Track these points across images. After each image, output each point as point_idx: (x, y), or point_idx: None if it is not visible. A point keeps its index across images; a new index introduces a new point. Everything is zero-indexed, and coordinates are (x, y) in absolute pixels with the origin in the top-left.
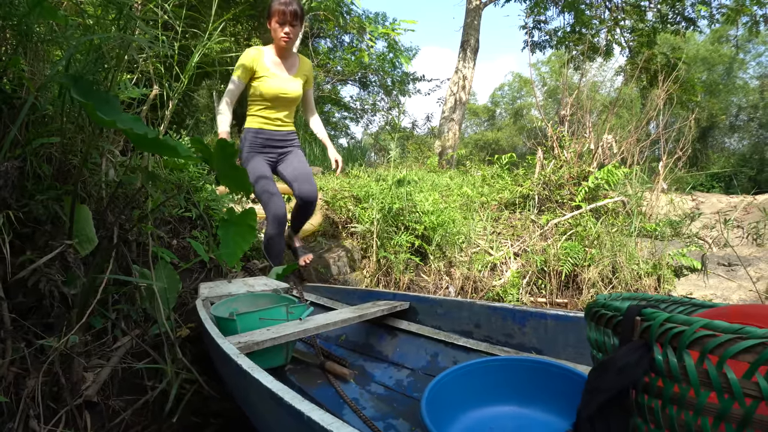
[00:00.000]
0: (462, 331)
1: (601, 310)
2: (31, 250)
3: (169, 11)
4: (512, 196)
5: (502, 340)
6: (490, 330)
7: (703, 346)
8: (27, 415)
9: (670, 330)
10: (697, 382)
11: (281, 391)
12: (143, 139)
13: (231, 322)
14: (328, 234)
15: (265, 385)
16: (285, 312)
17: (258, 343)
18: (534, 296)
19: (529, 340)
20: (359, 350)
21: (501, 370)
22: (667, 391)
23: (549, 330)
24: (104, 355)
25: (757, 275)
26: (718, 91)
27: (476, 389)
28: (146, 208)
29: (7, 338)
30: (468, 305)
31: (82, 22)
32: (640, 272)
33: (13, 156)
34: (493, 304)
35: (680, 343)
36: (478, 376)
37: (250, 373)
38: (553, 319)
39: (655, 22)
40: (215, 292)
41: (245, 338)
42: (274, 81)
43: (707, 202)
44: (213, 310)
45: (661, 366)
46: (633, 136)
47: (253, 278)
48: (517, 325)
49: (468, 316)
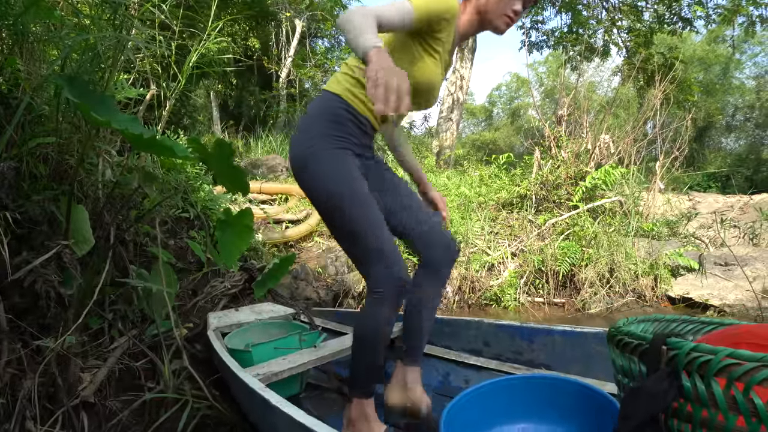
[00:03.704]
0: (471, 350)
1: (626, 339)
2: (28, 250)
3: (166, 11)
4: (510, 196)
5: (511, 358)
6: (499, 347)
7: (730, 374)
8: (23, 416)
9: (697, 359)
10: (726, 407)
11: (316, 425)
12: (140, 139)
13: (246, 354)
14: (325, 234)
15: (298, 420)
16: (298, 341)
17: (276, 374)
18: (531, 296)
19: (537, 356)
20: None
21: (517, 388)
22: (696, 416)
23: (556, 345)
24: (101, 356)
25: (753, 275)
26: (714, 91)
27: (493, 408)
28: (143, 209)
29: (3, 339)
30: (476, 324)
31: (78, 22)
32: (637, 272)
33: (9, 156)
34: (501, 322)
35: (708, 371)
36: (495, 395)
37: (279, 408)
38: (560, 335)
39: (652, 22)
40: (225, 321)
41: (263, 369)
42: (433, 63)
43: (704, 202)
44: (227, 342)
45: (690, 392)
46: (630, 136)
47: (259, 305)
48: (525, 341)
49: (476, 335)
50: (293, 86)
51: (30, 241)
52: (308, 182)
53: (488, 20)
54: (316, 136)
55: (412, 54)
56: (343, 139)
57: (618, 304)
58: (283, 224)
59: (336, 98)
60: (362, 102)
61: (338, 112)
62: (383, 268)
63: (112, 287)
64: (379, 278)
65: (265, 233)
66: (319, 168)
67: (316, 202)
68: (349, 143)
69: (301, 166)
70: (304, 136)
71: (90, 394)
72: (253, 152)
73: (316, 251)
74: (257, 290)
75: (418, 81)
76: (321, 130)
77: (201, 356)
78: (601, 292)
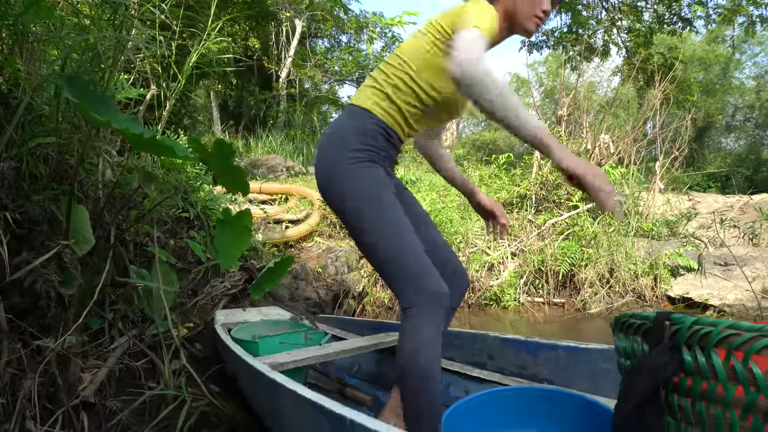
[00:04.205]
0: (475, 363)
1: (630, 320)
2: (28, 250)
3: (166, 11)
4: (510, 196)
5: (515, 372)
6: (503, 361)
7: (729, 344)
8: (23, 416)
9: (698, 331)
10: (725, 377)
11: (320, 399)
12: (140, 139)
13: (253, 345)
14: (325, 234)
15: (303, 395)
16: (304, 338)
17: (282, 365)
18: (531, 296)
19: (541, 371)
20: (372, 380)
21: (513, 399)
22: (696, 389)
23: (561, 361)
24: (101, 356)
25: (753, 275)
26: (714, 91)
27: (491, 418)
28: (143, 209)
29: (3, 339)
30: (481, 337)
31: (78, 22)
32: (637, 272)
33: (9, 156)
34: (506, 336)
35: (708, 343)
36: (493, 405)
37: (285, 385)
38: (565, 351)
39: (652, 22)
40: (231, 319)
41: (268, 360)
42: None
43: (704, 202)
44: (234, 333)
45: (690, 365)
46: (630, 136)
47: (266, 308)
48: (530, 356)
49: (481, 348)
50: (293, 86)
51: (30, 241)
52: (339, 200)
53: (518, 23)
54: (347, 151)
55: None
56: (374, 152)
57: (618, 304)
58: (283, 224)
59: (365, 113)
60: (390, 116)
61: (368, 126)
62: (427, 284)
63: (113, 287)
64: (424, 293)
65: (265, 233)
66: (352, 185)
67: (353, 219)
68: (378, 157)
69: (332, 183)
70: (334, 153)
71: (90, 394)
72: (253, 152)
73: (316, 251)
74: (254, 292)
75: (456, 95)
76: (352, 145)
77: (201, 356)
78: (601, 292)
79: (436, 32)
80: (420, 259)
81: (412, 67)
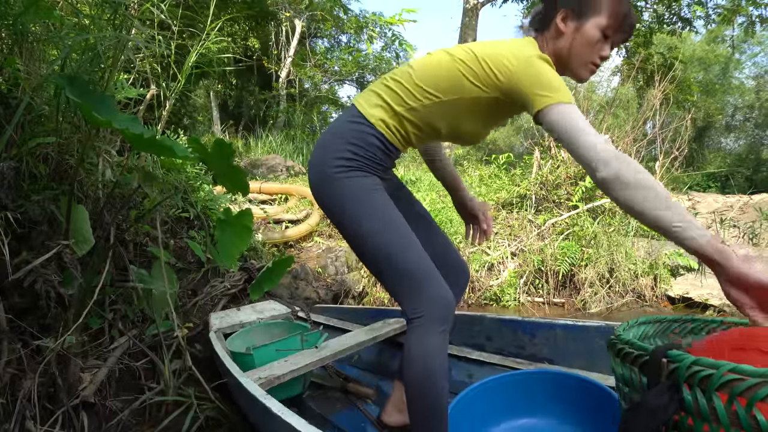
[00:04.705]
0: (474, 345)
1: (626, 348)
2: (28, 250)
3: (165, 11)
4: (509, 195)
5: (514, 352)
6: (502, 342)
7: (732, 389)
8: (23, 416)
9: (698, 373)
10: (728, 422)
11: None
12: (140, 139)
13: (248, 357)
14: (325, 234)
15: (299, 430)
16: (300, 341)
17: (278, 377)
18: (531, 296)
19: (540, 350)
20: (374, 370)
21: (521, 383)
22: (698, 430)
23: (559, 340)
24: (101, 356)
25: None
26: (714, 91)
27: (498, 403)
28: (143, 209)
29: (3, 339)
30: (479, 319)
31: (78, 22)
32: (637, 272)
33: (9, 156)
34: (503, 316)
35: (709, 386)
36: (500, 390)
37: (281, 416)
38: (562, 329)
39: (652, 22)
40: (226, 321)
41: (265, 373)
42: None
43: (703, 202)
44: (229, 345)
45: (691, 406)
46: (630, 135)
47: (260, 303)
48: (528, 336)
49: (479, 330)
50: (293, 86)
51: (30, 241)
52: (335, 208)
53: (569, 68)
54: (342, 159)
55: (497, 111)
56: (368, 162)
57: (618, 303)
58: (283, 224)
59: (368, 127)
60: (394, 134)
61: (369, 139)
62: (433, 287)
63: (113, 287)
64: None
65: (265, 233)
66: (348, 195)
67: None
68: (373, 165)
69: (326, 189)
70: (331, 156)
71: (90, 394)
72: (253, 152)
73: (316, 251)
74: (253, 292)
75: (479, 136)
76: (347, 154)
77: (201, 356)
78: (601, 292)
79: (481, 72)
80: (422, 265)
81: (440, 98)
